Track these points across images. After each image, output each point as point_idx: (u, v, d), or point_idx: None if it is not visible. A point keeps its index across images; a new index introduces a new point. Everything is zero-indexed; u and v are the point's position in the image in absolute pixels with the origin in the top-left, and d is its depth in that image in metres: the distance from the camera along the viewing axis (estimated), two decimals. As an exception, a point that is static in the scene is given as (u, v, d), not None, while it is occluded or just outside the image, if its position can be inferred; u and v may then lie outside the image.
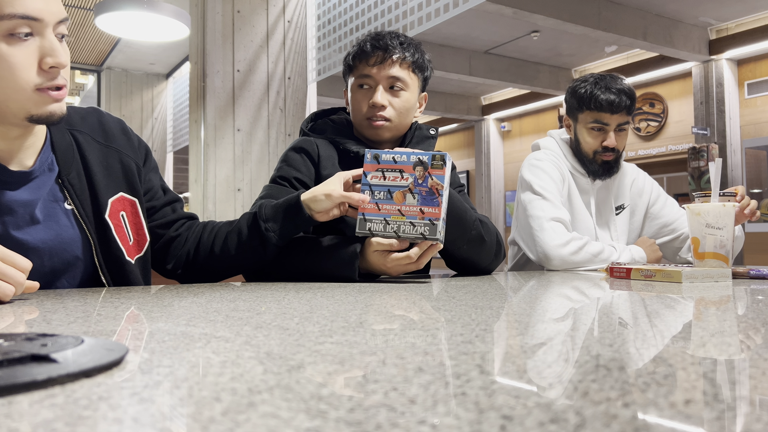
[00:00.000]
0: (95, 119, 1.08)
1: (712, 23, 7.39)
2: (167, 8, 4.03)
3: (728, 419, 0.29)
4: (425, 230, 1.05)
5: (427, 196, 1.07)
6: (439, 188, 1.06)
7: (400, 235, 1.07)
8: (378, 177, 1.10)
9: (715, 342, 0.49)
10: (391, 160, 1.10)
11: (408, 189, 1.08)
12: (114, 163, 1.06)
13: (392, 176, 1.09)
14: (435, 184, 1.07)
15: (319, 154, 1.40)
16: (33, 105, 0.88)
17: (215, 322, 0.61)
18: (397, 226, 1.07)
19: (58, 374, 0.34)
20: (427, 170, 1.07)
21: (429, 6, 3.05)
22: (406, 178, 1.08)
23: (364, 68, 1.39)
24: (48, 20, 0.87)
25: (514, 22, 7.07)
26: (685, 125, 8.36)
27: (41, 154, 0.97)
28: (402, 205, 1.08)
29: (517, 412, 0.29)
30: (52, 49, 0.87)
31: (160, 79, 8.29)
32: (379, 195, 1.09)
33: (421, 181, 1.07)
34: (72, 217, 0.99)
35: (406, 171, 1.08)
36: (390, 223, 1.08)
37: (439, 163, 1.08)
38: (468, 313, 0.69)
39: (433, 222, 1.05)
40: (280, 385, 0.34)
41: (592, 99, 1.75)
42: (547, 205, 1.66)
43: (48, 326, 0.57)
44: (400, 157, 1.09)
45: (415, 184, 1.07)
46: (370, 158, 1.12)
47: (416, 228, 1.06)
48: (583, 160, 1.81)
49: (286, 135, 3.95)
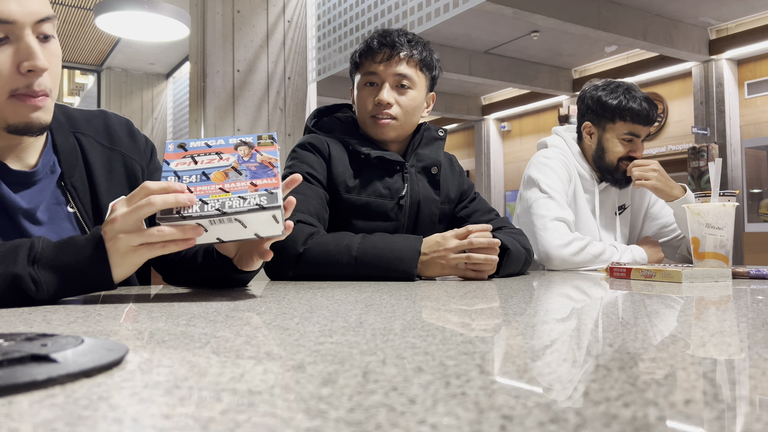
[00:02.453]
0: (101, 122, 1.06)
1: (712, 23, 7.38)
2: (167, 8, 4.03)
3: (728, 419, 0.29)
4: (262, 201, 0.88)
5: (259, 171, 0.92)
6: (273, 161, 0.93)
7: (225, 211, 0.87)
8: (186, 163, 0.94)
9: (715, 342, 0.49)
10: (203, 145, 0.97)
11: (231, 167, 0.93)
12: (117, 167, 1.05)
13: (207, 159, 0.95)
14: (267, 158, 0.94)
15: (330, 152, 1.36)
16: (9, 113, 0.84)
17: (215, 322, 0.61)
18: (221, 203, 0.88)
19: (58, 374, 0.34)
20: (254, 148, 0.95)
21: (429, 6, 3.05)
22: (227, 159, 0.94)
23: (371, 65, 1.37)
24: (23, 21, 0.82)
25: (514, 22, 7.06)
26: (685, 125, 8.36)
27: (43, 154, 0.96)
28: (225, 183, 0.91)
29: (517, 412, 0.29)
30: (29, 53, 0.82)
31: (160, 79, 8.28)
32: (190, 179, 0.91)
33: (247, 158, 0.94)
34: (74, 221, 0.98)
35: (225, 152, 0.95)
36: (209, 202, 0.89)
37: (267, 141, 0.96)
38: (468, 313, 0.69)
39: (271, 191, 0.89)
40: (280, 385, 0.34)
41: (627, 111, 1.74)
42: (552, 205, 1.65)
43: (48, 326, 0.57)
44: (215, 141, 0.97)
45: (240, 162, 0.93)
46: (173, 148, 0.96)
47: (248, 201, 0.89)
48: (604, 168, 1.80)
49: (286, 135, 3.95)
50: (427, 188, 1.44)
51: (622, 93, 1.76)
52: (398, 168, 1.40)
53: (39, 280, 0.73)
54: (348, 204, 1.34)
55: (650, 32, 6.98)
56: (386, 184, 1.37)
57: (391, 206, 1.37)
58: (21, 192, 0.92)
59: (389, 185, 1.37)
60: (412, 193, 1.40)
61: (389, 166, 1.38)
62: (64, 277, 0.75)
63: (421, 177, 1.43)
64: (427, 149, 1.45)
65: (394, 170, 1.39)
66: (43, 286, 0.73)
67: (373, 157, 1.36)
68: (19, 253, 0.74)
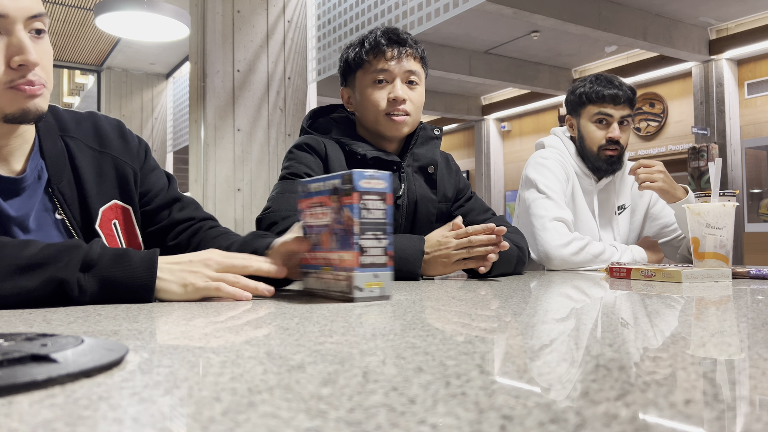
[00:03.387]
0: (90, 124, 1.04)
1: (712, 23, 7.38)
2: (167, 8, 4.03)
3: (728, 419, 0.29)
4: (344, 287, 0.78)
5: (342, 239, 0.79)
6: (352, 225, 0.77)
7: (329, 294, 0.82)
8: (309, 214, 0.87)
9: (715, 342, 0.49)
10: (311, 191, 0.86)
11: (329, 228, 0.82)
12: (108, 170, 1.03)
13: (318, 212, 0.84)
14: (346, 218, 0.78)
15: (327, 153, 1.37)
16: (6, 103, 0.84)
17: (215, 322, 0.61)
18: (326, 283, 0.83)
19: (58, 374, 0.34)
20: (341, 199, 0.79)
21: (429, 6, 3.05)
22: (325, 213, 0.82)
23: (380, 62, 1.37)
24: (15, 16, 0.82)
25: (514, 22, 7.06)
26: (685, 125, 8.36)
27: (30, 159, 0.94)
28: (328, 251, 0.82)
29: (517, 412, 0.29)
30: (20, 47, 0.82)
31: (160, 79, 8.28)
32: (312, 238, 0.86)
33: (337, 216, 0.80)
34: (62, 228, 0.96)
35: (325, 204, 0.82)
36: (321, 277, 0.83)
37: (347, 187, 0.78)
38: (468, 313, 0.69)
39: (349, 273, 0.77)
40: (280, 385, 0.34)
41: (594, 92, 1.78)
42: (550, 205, 1.66)
43: (48, 326, 0.57)
44: (320, 184, 0.84)
45: (334, 220, 0.81)
46: (302, 192, 0.89)
47: (339, 283, 0.80)
48: (587, 157, 1.81)
49: (286, 135, 3.95)
50: (424, 188, 1.44)
51: (589, 80, 1.82)
52: (395, 168, 1.40)
53: (85, 288, 0.74)
54: None
55: (650, 32, 6.98)
56: None
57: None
58: (10, 200, 0.90)
59: None
60: (409, 192, 1.40)
61: (386, 166, 1.39)
62: (110, 289, 0.76)
63: (418, 176, 1.43)
64: (423, 148, 1.45)
65: (391, 170, 1.39)
66: (87, 293, 0.74)
67: (369, 158, 1.36)
68: (72, 258, 0.74)
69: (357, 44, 1.42)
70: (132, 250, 0.81)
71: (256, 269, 0.84)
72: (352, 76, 1.43)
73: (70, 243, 0.76)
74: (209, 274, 0.81)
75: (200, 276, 0.80)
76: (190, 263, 0.81)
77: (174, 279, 0.79)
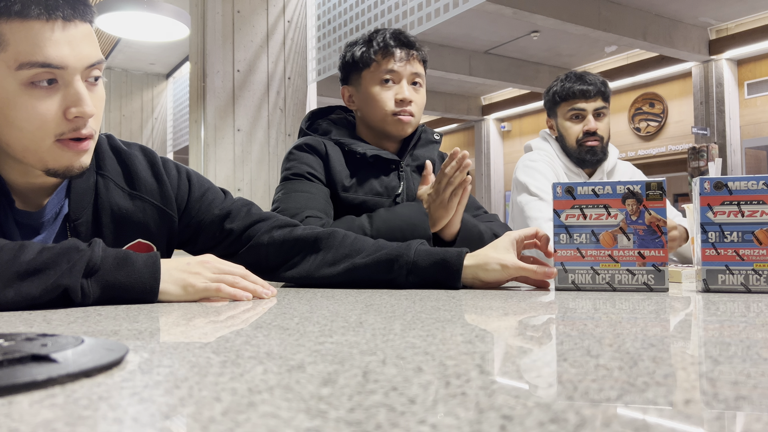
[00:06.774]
0: (124, 162, 0.99)
1: (712, 23, 7.39)
2: (167, 8, 4.03)
3: (728, 419, 0.29)
4: (649, 279, 0.88)
5: (647, 236, 0.88)
6: (661, 225, 0.88)
7: (615, 286, 0.90)
8: (575, 216, 0.91)
9: (715, 342, 0.49)
10: (590, 193, 0.91)
11: (619, 228, 0.89)
12: (137, 213, 0.98)
13: (595, 213, 0.90)
14: (654, 219, 0.88)
15: (327, 153, 1.37)
16: (51, 158, 0.82)
17: (215, 322, 0.61)
18: (611, 276, 0.89)
19: (58, 374, 0.34)
20: (642, 203, 0.88)
21: (429, 6, 3.05)
22: (614, 215, 0.89)
23: (389, 63, 1.39)
24: (74, 66, 0.80)
25: (514, 22, 7.07)
26: (685, 125, 8.36)
27: (55, 194, 0.91)
28: (613, 249, 0.89)
29: (517, 412, 0.29)
30: (77, 99, 0.80)
31: (160, 79, 8.28)
32: (580, 239, 0.91)
33: (635, 217, 0.88)
34: None
35: (612, 206, 0.90)
36: (600, 272, 0.90)
37: (657, 193, 0.88)
38: (468, 313, 0.69)
39: (659, 268, 0.87)
40: (280, 385, 0.34)
41: (564, 90, 1.81)
42: (544, 206, 1.67)
43: (48, 326, 0.57)
44: (602, 189, 0.90)
45: (628, 222, 0.89)
46: (560, 193, 0.92)
47: (636, 277, 0.88)
48: (571, 154, 1.84)
49: (286, 135, 3.95)
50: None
51: (560, 79, 1.85)
52: (394, 167, 1.41)
53: (88, 292, 0.73)
54: (345, 203, 1.35)
55: (650, 32, 6.99)
56: (382, 183, 1.38)
57: (387, 204, 1.38)
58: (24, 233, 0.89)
59: (385, 183, 1.39)
60: (408, 191, 1.42)
61: (385, 164, 1.40)
62: (113, 291, 0.76)
63: (417, 175, 1.45)
64: (422, 150, 1.47)
65: (390, 169, 1.41)
66: (90, 297, 0.74)
67: (369, 156, 1.37)
68: (76, 265, 0.73)
69: (363, 43, 1.41)
70: (132, 252, 0.80)
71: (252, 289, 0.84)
72: (356, 74, 1.43)
73: (68, 245, 0.75)
74: (208, 275, 0.81)
75: (200, 277, 0.80)
76: (189, 265, 0.82)
77: (174, 281, 0.79)
